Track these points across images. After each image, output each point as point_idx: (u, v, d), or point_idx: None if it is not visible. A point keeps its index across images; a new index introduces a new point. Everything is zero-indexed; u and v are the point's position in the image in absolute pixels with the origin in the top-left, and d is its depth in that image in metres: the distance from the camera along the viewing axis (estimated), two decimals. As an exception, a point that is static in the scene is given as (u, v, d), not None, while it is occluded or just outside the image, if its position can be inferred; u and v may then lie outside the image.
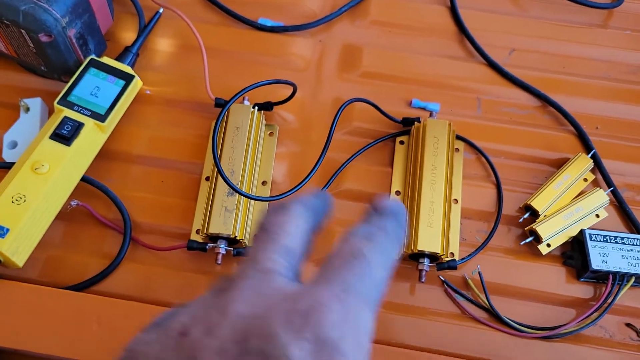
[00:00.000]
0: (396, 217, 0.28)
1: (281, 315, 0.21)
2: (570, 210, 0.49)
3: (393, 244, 0.26)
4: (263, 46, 0.59)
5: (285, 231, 0.25)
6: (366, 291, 0.24)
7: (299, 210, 0.27)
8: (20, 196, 0.43)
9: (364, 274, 0.24)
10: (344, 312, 0.22)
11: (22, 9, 0.46)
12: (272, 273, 0.24)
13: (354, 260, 0.24)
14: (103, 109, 0.49)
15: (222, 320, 0.22)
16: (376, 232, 0.26)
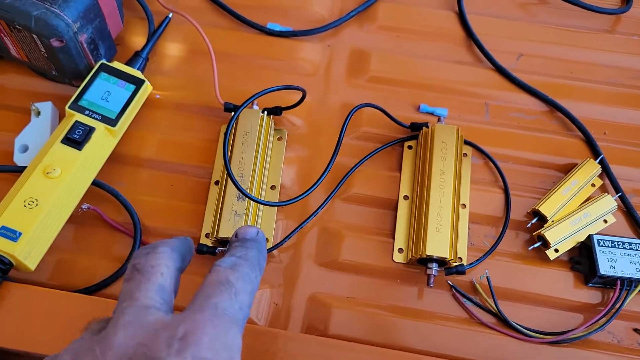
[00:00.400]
0: (257, 246, 0.32)
1: (163, 342, 0.25)
2: (578, 216, 0.50)
3: (255, 271, 0.31)
4: (272, 51, 0.59)
5: (158, 272, 0.29)
6: (233, 313, 0.27)
7: (167, 253, 0.30)
8: (32, 200, 0.43)
9: (231, 299, 0.28)
10: (216, 334, 0.26)
11: (34, 14, 0.46)
12: (149, 308, 0.27)
13: (222, 287, 0.28)
14: (114, 114, 0.49)
15: (108, 351, 0.25)
16: (240, 262, 0.30)
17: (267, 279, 0.48)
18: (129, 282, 0.28)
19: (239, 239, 0.33)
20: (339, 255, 0.49)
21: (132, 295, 0.27)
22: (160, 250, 0.30)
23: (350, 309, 0.47)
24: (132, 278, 0.29)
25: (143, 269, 0.29)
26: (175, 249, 0.30)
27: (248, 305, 0.29)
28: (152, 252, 0.29)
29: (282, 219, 0.50)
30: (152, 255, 0.29)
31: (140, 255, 0.30)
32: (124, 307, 0.27)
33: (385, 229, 0.51)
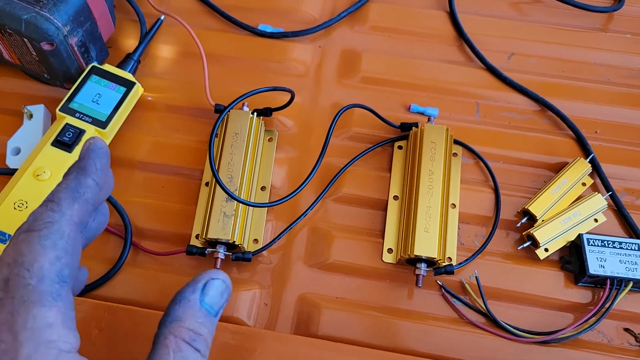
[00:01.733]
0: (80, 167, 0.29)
1: None
2: (568, 215, 0.50)
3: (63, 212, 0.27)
4: (263, 52, 0.59)
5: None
6: (32, 293, 0.25)
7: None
8: (22, 202, 0.44)
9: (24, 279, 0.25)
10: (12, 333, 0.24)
11: (24, 18, 0.47)
12: None
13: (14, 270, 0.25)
14: (104, 116, 0.49)
15: None
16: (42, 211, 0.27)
17: (256, 280, 0.48)
18: None
19: None
20: (329, 255, 0.49)
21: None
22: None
23: (339, 309, 0.47)
24: None
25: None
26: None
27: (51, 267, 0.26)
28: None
29: (272, 220, 0.51)
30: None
31: None
32: None
33: (375, 229, 0.51)
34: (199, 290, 0.28)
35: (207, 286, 0.29)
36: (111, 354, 0.42)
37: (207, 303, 0.28)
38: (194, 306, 0.27)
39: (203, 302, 0.28)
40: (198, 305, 0.28)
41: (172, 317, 0.27)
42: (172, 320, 0.27)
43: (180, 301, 0.28)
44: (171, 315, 0.27)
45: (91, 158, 0.29)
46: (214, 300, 0.28)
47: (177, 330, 0.26)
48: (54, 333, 0.25)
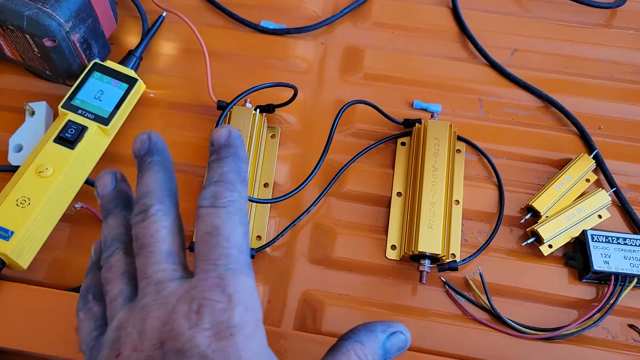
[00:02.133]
0: (232, 152, 0.30)
1: (182, 318, 0.26)
2: (572, 211, 0.49)
3: (238, 191, 0.29)
4: (265, 49, 0.59)
5: (159, 239, 0.29)
6: (234, 263, 0.27)
7: (160, 212, 0.29)
8: (24, 199, 0.44)
9: (225, 249, 0.28)
10: (227, 296, 0.26)
11: (26, 15, 0.46)
12: (163, 282, 0.28)
13: (213, 240, 0.28)
14: (107, 113, 0.49)
15: (142, 335, 0.27)
16: (219, 189, 0.29)
17: (259, 277, 0.48)
18: (138, 258, 0.29)
19: (213, 146, 0.31)
20: (332, 252, 0.49)
21: (145, 273, 0.28)
22: (152, 214, 0.29)
23: (343, 306, 0.47)
24: (138, 253, 0.29)
25: (144, 242, 0.29)
26: (164, 198, 0.30)
27: (244, 239, 0.28)
28: (145, 218, 0.29)
29: (275, 217, 0.50)
30: (147, 222, 0.29)
31: (137, 223, 0.29)
32: (142, 286, 0.28)
33: (378, 225, 0.51)
34: (387, 333, 0.33)
35: (395, 336, 0.33)
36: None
37: (386, 348, 0.33)
38: (377, 342, 0.33)
39: (384, 345, 0.33)
40: (379, 344, 0.33)
41: (357, 339, 0.32)
42: (357, 341, 0.32)
43: (370, 332, 0.33)
44: (357, 337, 0.33)
45: (240, 146, 0.31)
46: (392, 349, 0.33)
47: (358, 349, 0.32)
48: (256, 300, 0.28)
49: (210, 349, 0.25)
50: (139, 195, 0.30)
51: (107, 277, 0.30)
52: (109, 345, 0.28)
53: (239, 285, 0.27)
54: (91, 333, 0.30)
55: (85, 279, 0.33)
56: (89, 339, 0.30)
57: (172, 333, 0.26)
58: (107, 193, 0.33)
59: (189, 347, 0.25)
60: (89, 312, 0.31)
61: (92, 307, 0.31)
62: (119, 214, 0.32)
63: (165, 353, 0.26)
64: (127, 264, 0.30)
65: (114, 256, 0.31)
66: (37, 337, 0.42)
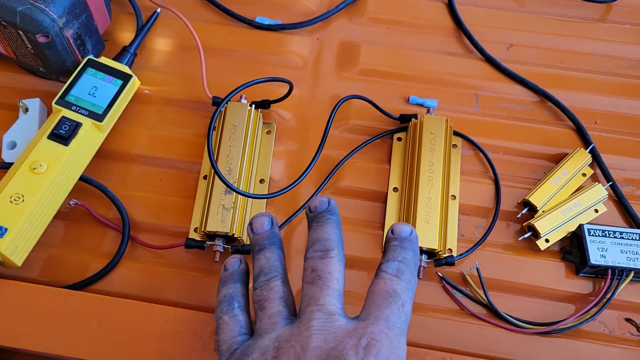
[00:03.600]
0: (412, 246, 0.36)
1: (350, 349, 0.30)
2: (568, 205, 0.49)
3: (414, 276, 0.35)
4: (261, 45, 0.59)
5: (334, 278, 0.34)
6: (401, 324, 0.32)
7: (338, 256, 0.35)
8: (18, 196, 0.43)
9: (399, 311, 0.32)
10: (390, 346, 0.31)
11: (19, 10, 0.46)
12: (334, 314, 0.32)
13: (391, 300, 0.32)
14: (101, 109, 0.49)
15: (306, 352, 0.30)
16: (402, 267, 0.34)
17: (256, 273, 0.48)
18: (311, 286, 0.33)
19: (395, 237, 0.36)
20: (329, 248, 0.49)
21: (317, 301, 0.32)
22: (332, 255, 0.34)
23: (340, 301, 0.47)
24: (314, 283, 0.33)
25: (322, 274, 0.33)
26: (340, 247, 0.35)
27: (410, 312, 0.33)
28: (326, 257, 0.34)
29: (271, 213, 0.50)
30: (327, 260, 0.34)
31: (316, 259, 0.34)
32: (311, 311, 0.32)
33: (375, 221, 0.50)
34: None
35: None
36: (110, 347, 0.41)
37: None
38: None
39: None
40: None
41: None
42: None
43: None
44: None
45: None
46: None
47: None
48: None
49: None
50: (318, 239, 0.35)
51: (267, 296, 0.34)
52: (263, 350, 0.31)
53: (402, 342, 0.31)
54: (235, 337, 0.33)
55: (226, 287, 0.37)
56: (231, 342, 0.33)
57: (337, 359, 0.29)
58: (263, 231, 0.38)
59: None
60: (234, 318, 0.35)
61: (238, 315, 0.35)
62: (275, 251, 0.37)
63: None
64: (285, 292, 0.35)
65: (274, 281, 0.35)
66: (32, 335, 0.42)
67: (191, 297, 0.46)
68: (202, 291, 0.47)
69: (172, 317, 0.42)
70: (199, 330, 0.42)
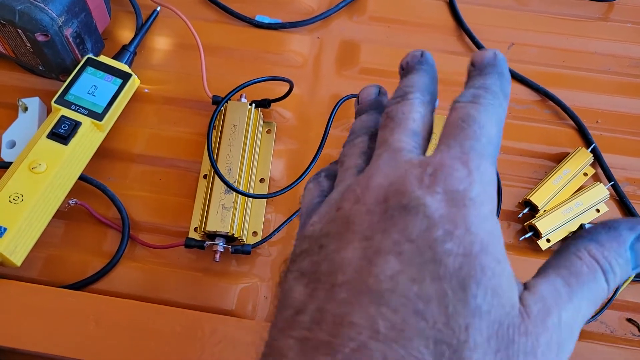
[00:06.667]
0: (498, 72, 0.29)
1: (413, 178, 0.25)
2: (569, 205, 0.49)
3: (499, 99, 0.28)
4: (261, 43, 0.58)
5: (410, 118, 0.29)
6: (481, 148, 0.26)
7: (419, 99, 0.30)
8: (17, 195, 0.43)
9: (476, 134, 0.26)
10: (466, 170, 0.24)
11: (18, 9, 0.46)
12: (401, 150, 0.27)
13: (465, 124, 0.27)
14: (100, 108, 0.49)
15: (366, 191, 0.26)
16: (480, 92, 0.28)
17: (256, 273, 0.48)
18: (383, 130, 0.29)
19: (475, 66, 0.30)
20: (329, 247, 0.49)
21: (386, 141, 0.28)
22: (410, 97, 0.29)
23: (340, 301, 0.47)
24: (385, 125, 0.29)
25: (394, 115, 0.29)
26: (425, 92, 0.30)
27: (496, 136, 0.27)
28: (403, 100, 0.29)
29: (271, 212, 0.50)
30: (404, 102, 0.29)
31: (392, 103, 0.30)
32: (379, 153, 0.28)
33: (375, 221, 0.50)
34: (636, 232, 0.25)
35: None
36: (109, 347, 0.41)
37: (637, 251, 0.25)
38: (621, 243, 0.25)
39: (633, 247, 0.25)
40: (625, 245, 0.25)
41: (593, 237, 0.25)
42: (593, 240, 0.25)
43: (610, 230, 0.25)
44: (594, 236, 0.25)
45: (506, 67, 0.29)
46: None
47: (593, 249, 0.25)
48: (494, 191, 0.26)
49: (438, 212, 0.23)
50: (400, 85, 0.30)
51: (347, 152, 0.30)
52: (329, 203, 0.27)
53: (482, 166, 0.25)
54: (314, 199, 0.30)
55: None
56: (309, 204, 0.30)
57: (399, 190, 0.25)
58: (368, 100, 0.33)
59: (415, 205, 0.24)
60: (318, 185, 0.31)
61: (322, 181, 0.31)
62: (374, 114, 0.32)
63: (388, 208, 0.24)
64: (369, 147, 0.30)
65: (359, 137, 0.31)
66: (31, 335, 0.41)
67: (191, 297, 0.46)
68: (202, 291, 0.47)
69: (170, 317, 0.42)
70: (197, 331, 0.42)
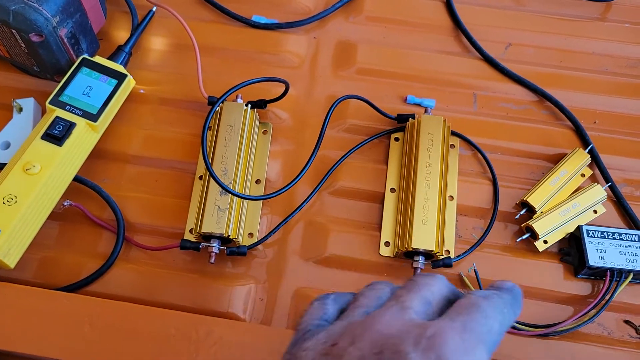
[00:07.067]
0: (512, 293, 0.31)
1: (411, 338, 0.26)
2: (567, 206, 0.49)
3: (507, 307, 0.30)
4: (257, 44, 0.58)
5: (430, 290, 0.30)
6: (482, 334, 0.27)
7: (444, 281, 0.32)
8: (11, 197, 0.43)
9: (480, 319, 0.28)
10: (462, 344, 0.26)
11: (12, 9, 0.46)
12: (409, 309, 0.29)
13: (472, 308, 0.29)
14: (95, 109, 0.49)
15: (364, 334, 0.28)
16: (492, 294, 0.30)
17: (252, 274, 0.48)
18: (402, 289, 0.31)
19: (494, 287, 0.33)
20: (325, 249, 0.49)
21: (399, 297, 0.30)
22: (438, 277, 0.32)
23: (336, 303, 0.46)
24: (405, 286, 0.31)
25: (418, 281, 0.31)
26: (450, 284, 0.32)
27: (497, 332, 0.29)
28: (432, 276, 0.32)
29: (267, 214, 0.50)
30: (430, 276, 0.32)
31: (421, 274, 0.32)
32: (389, 304, 0.30)
33: (372, 222, 0.50)
34: None
35: None
36: (103, 350, 0.41)
37: None
38: None
39: None
40: None
41: None
42: None
43: None
44: None
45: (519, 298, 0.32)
46: None
47: None
48: None
49: None
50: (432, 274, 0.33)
51: (365, 293, 0.32)
52: (329, 333, 0.29)
53: (478, 350, 0.27)
54: (314, 320, 0.32)
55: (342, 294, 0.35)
56: (308, 323, 0.31)
57: (395, 346, 0.26)
58: None
59: None
60: (322, 305, 0.33)
61: (328, 304, 0.33)
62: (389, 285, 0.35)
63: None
64: (385, 297, 0.32)
65: (381, 285, 0.33)
66: (24, 338, 0.41)
67: (186, 299, 0.46)
68: (197, 293, 0.46)
69: (165, 320, 0.42)
70: (192, 333, 0.41)
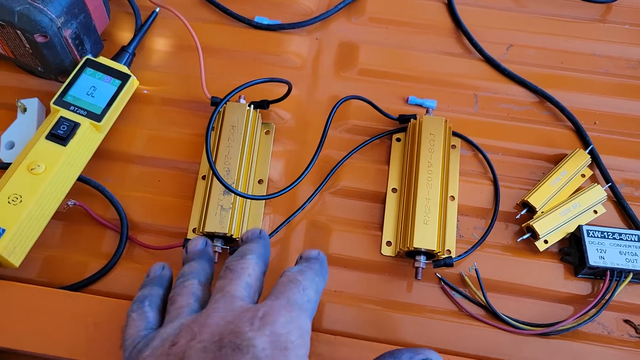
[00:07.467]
0: (319, 261, 0.37)
1: (246, 320, 0.30)
2: (567, 207, 0.49)
3: (318, 276, 0.36)
4: (260, 44, 0.59)
5: (247, 273, 0.35)
6: (302, 303, 0.33)
7: (254, 259, 0.36)
8: (16, 197, 0.43)
9: (300, 292, 0.33)
10: (290, 317, 0.31)
11: (17, 10, 0.46)
12: (236, 297, 0.33)
13: (291, 284, 0.34)
14: (99, 109, 0.49)
15: (203, 329, 0.30)
16: (304, 268, 0.36)
17: (254, 274, 0.48)
18: (222, 279, 0.35)
19: (302, 258, 0.38)
20: (327, 249, 0.49)
21: (223, 289, 0.34)
22: (248, 258, 0.36)
23: (338, 303, 0.47)
24: (224, 276, 0.35)
25: (234, 268, 0.35)
26: (260, 257, 0.37)
27: (314, 300, 0.34)
28: (242, 258, 0.36)
29: (270, 213, 0.50)
30: (242, 260, 0.36)
31: (232, 260, 0.36)
32: (217, 297, 0.33)
33: (373, 222, 0.50)
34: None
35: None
36: (107, 349, 0.41)
37: None
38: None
39: None
40: None
41: None
42: None
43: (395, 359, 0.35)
44: None
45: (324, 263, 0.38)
46: None
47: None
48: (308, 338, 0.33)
49: (264, 353, 0.29)
50: (240, 249, 0.37)
51: (180, 292, 0.35)
52: (163, 338, 0.31)
53: (302, 317, 0.32)
54: (140, 331, 0.34)
55: (142, 290, 0.38)
56: (136, 336, 0.33)
57: (233, 331, 0.30)
58: (196, 250, 0.39)
59: (247, 345, 0.29)
60: (142, 315, 0.35)
61: (147, 312, 0.35)
62: (201, 262, 0.38)
63: (222, 346, 0.29)
64: (200, 290, 0.35)
65: (190, 280, 0.36)
66: (29, 336, 0.42)
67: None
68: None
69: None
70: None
